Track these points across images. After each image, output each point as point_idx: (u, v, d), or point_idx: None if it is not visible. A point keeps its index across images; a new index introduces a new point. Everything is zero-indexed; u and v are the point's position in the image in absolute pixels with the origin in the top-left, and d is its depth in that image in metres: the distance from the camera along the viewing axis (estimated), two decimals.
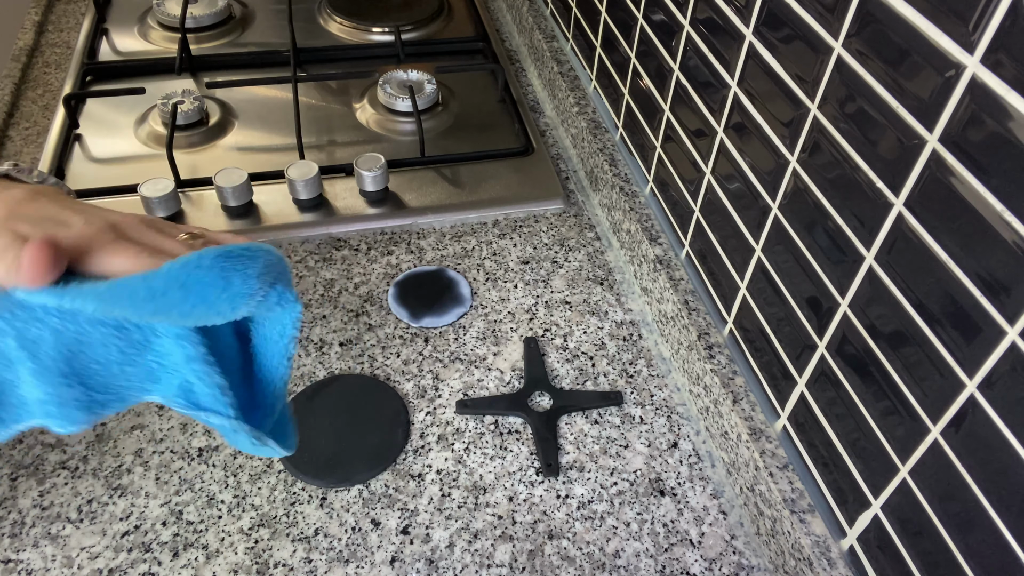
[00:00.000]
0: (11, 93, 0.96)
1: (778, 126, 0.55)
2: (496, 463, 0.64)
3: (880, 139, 0.45)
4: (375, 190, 0.86)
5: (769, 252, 0.58)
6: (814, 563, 0.53)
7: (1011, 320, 0.38)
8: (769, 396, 0.61)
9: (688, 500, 0.63)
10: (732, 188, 0.63)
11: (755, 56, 0.57)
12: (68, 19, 1.12)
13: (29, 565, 0.56)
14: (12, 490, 0.60)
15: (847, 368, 0.51)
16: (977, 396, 0.40)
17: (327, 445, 0.63)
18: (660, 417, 0.68)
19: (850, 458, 0.52)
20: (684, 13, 0.67)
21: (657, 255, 0.74)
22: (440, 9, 1.18)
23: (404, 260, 0.80)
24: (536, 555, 0.59)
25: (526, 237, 0.84)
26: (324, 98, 1.00)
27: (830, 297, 0.51)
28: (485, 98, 1.02)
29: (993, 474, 0.40)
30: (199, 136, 0.93)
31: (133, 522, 0.59)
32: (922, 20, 0.41)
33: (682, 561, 0.59)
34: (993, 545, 0.41)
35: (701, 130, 0.67)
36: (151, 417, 0.65)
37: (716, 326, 0.68)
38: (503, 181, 0.89)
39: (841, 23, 0.47)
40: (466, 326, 0.74)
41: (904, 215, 0.44)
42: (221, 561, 0.57)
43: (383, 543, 0.59)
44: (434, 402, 0.68)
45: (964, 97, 0.39)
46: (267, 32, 1.12)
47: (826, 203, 0.51)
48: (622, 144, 0.87)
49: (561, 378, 0.70)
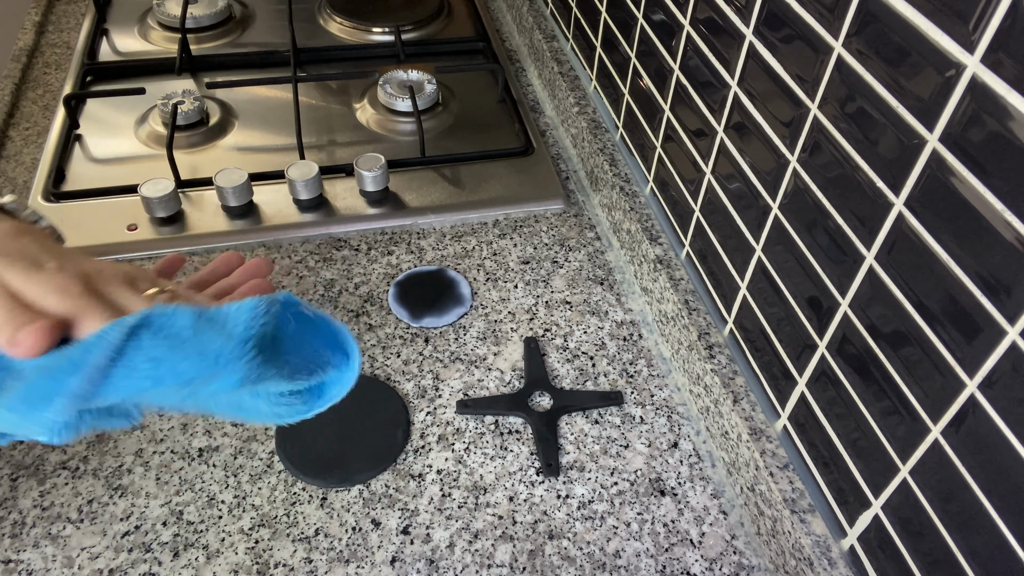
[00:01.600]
0: (11, 93, 0.96)
1: (778, 126, 0.55)
2: (496, 463, 0.64)
3: (880, 139, 0.45)
4: (375, 190, 0.86)
5: (769, 252, 0.58)
6: (814, 563, 0.53)
7: (1011, 320, 0.38)
8: (769, 396, 0.61)
9: (688, 500, 0.63)
10: (732, 188, 0.63)
11: (755, 56, 0.57)
12: (68, 19, 1.12)
13: (30, 565, 0.56)
14: (12, 490, 0.60)
15: (847, 368, 0.51)
16: (977, 396, 0.40)
17: (327, 445, 0.63)
18: (660, 417, 0.68)
19: (850, 458, 0.52)
20: (684, 13, 0.67)
21: (657, 255, 0.74)
22: (440, 9, 1.18)
23: (404, 260, 0.80)
24: (536, 555, 0.59)
25: (526, 237, 0.84)
26: (324, 98, 1.00)
27: (830, 297, 0.51)
28: (485, 98, 1.02)
29: (993, 474, 0.40)
30: (199, 136, 0.93)
31: (133, 522, 0.59)
32: (922, 20, 0.41)
33: (682, 561, 0.59)
34: (993, 545, 0.41)
35: (701, 130, 0.67)
36: (151, 417, 0.65)
37: (716, 326, 0.68)
38: (503, 181, 0.89)
39: (841, 23, 0.47)
40: (466, 326, 0.74)
41: (904, 215, 0.44)
42: (221, 561, 0.57)
43: (383, 543, 0.59)
44: (434, 402, 0.68)
45: (964, 97, 0.39)
46: (267, 32, 1.12)
47: (826, 203, 0.51)
48: (622, 144, 0.87)
49: (561, 378, 0.70)
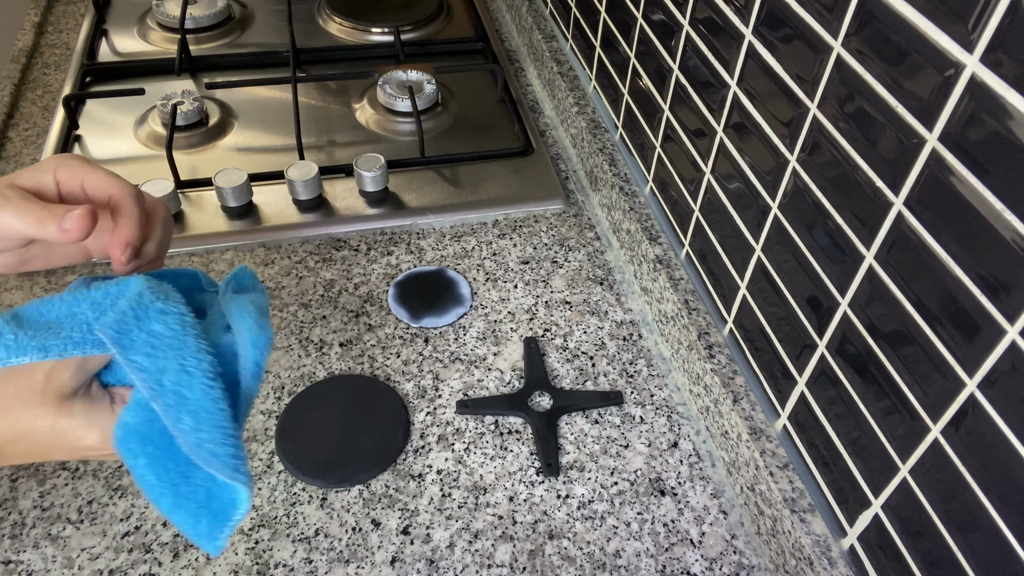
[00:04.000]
0: (11, 94, 0.96)
1: (778, 126, 0.55)
2: (496, 463, 0.64)
3: (880, 138, 0.45)
4: (375, 190, 0.86)
5: (769, 252, 0.58)
6: (814, 562, 0.53)
7: (1011, 319, 0.38)
8: (769, 396, 0.61)
9: (688, 500, 0.63)
10: (732, 188, 0.63)
11: (755, 56, 0.57)
12: (67, 20, 1.12)
13: (29, 566, 0.56)
14: (12, 491, 0.60)
15: (847, 367, 0.51)
16: (977, 395, 0.40)
17: (327, 445, 0.63)
18: (660, 417, 0.68)
19: (850, 457, 0.52)
20: (684, 13, 0.67)
21: (657, 255, 0.74)
22: (439, 9, 1.18)
23: (404, 260, 0.80)
24: (536, 555, 0.59)
25: (526, 237, 0.84)
26: (324, 98, 1.00)
27: (830, 296, 0.51)
28: (485, 98, 1.02)
29: (993, 473, 0.40)
30: (199, 137, 0.93)
31: (133, 523, 0.59)
32: (921, 19, 0.41)
33: (682, 561, 0.59)
34: (993, 544, 0.41)
35: (701, 130, 0.67)
36: None
37: (716, 326, 0.68)
38: (503, 181, 0.89)
39: (841, 22, 0.47)
40: (466, 326, 0.74)
41: (904, 214, 0.44)
42: (221, 561, 0.57)
43: (383, 543, 0.59)
44: (434, 402, 0.68)
45: (964, 96, 0.39)
46: (266, 32, 1.12)
47: (826, 202, 0.51)
48: (622, 144, 0.87)
49: (561, 378, 0.70)
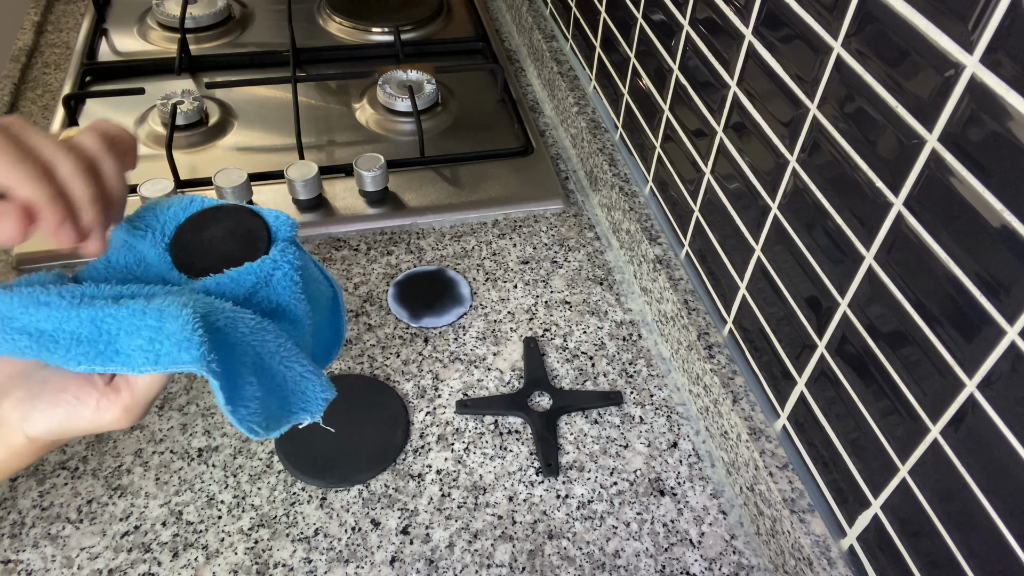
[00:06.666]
0: (10, 93, 0.96)
1: (778, 126, 0.55)
2: (496, 463, 0.64)
3: (880, 139, 0.45)
4: (375, 190, 0.86)
5: (769, 252, 0.58)
6: (814, 563, 0.53)
7: (1011, 319, 0.38)
8: (769, 396, 0.61)
9: (688, 500, 0.63)
10: (732, 188, 0.63)
11: (755, 56, 0.57)
12: (67, 19, 1.12)
13: (29, 565, 0.56)
14: (12, 490, 0.60)
15: (847, 368, 0.51)
16: (977, 396, 0.40)
17: (327, 445, 0.63)
18: (660, 417, 0.68)
19: (850, 458, 0.52)
20: (684, 13, 0.67)
21: (657, 255, 0.74)
22: (439, 9, 1.18)
23: (404, 260, 0.80)
24: (536, 555, 0.59)
25: (526, 237, 0.84)
26: (324, 98, 1.00)
27: (830, 297, 0.52)
28: (485, 98, 1.02)
29: (993, 474, 0.40)
30: (199, 136, 0.93)
31: (133, 522, 0.59)
32: (921, 20, 0.41)
33: (682, 561, 0.59)
34: (993, 545, 0.41)
35: (701, 130, 0.67)
36: (150, 417, 0.65)
37: (716, 326, 0.68)
38: (503, 181, 0.89)
39: (841, 23, 0.47)
40: (466, 326, 0.74)
41: (904, 215, 0.44)
42: (221, 561, 0.57)
43: (383, 543, 0.59)
44: (434, 402, 0.68)
45: (964, 97, 0.39)
46: (266, 32, 1.12)
47: (826, 203, 0.51)
48: (622, 144, 0.87)
49: (561, 378, 0.70)
